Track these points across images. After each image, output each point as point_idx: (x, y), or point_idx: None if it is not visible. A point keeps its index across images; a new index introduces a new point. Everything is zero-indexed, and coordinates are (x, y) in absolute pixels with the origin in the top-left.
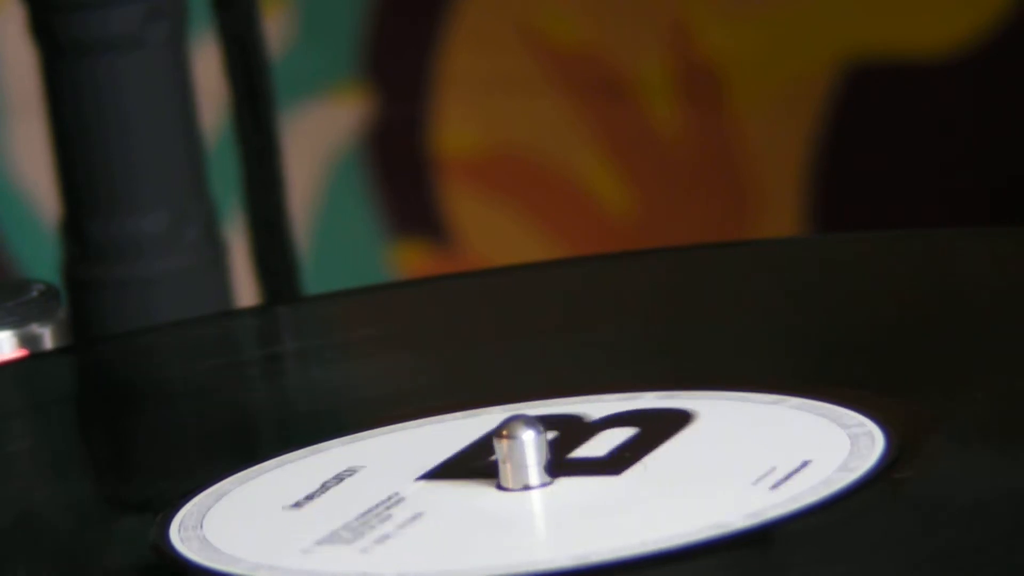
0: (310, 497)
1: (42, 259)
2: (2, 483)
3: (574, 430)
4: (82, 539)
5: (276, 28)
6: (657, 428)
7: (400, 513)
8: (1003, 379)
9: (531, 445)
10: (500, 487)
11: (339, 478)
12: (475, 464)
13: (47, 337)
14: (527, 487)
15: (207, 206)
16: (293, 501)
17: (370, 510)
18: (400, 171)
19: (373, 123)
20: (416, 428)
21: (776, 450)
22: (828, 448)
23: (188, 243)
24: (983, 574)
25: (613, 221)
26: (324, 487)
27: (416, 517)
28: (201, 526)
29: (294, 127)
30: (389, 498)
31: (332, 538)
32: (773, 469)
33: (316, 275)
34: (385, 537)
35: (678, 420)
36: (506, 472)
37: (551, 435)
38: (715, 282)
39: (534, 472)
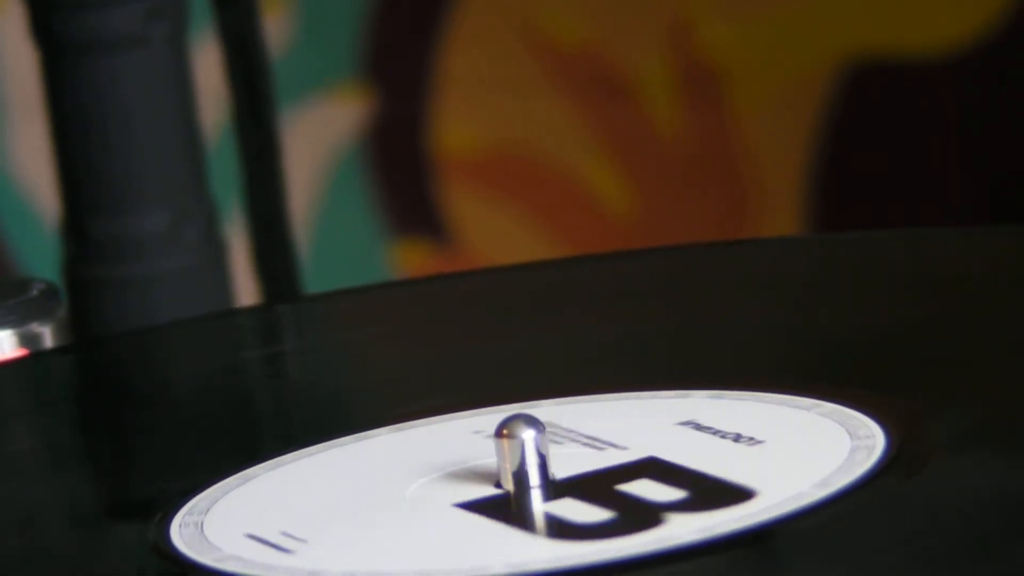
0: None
1: (43, 258)
2: (2, 483)
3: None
4: (82, 539)
5: (276, 28)
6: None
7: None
8: (1003, 379)
9: (531, 445)
10: (500, 487)
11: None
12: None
13: (47, 336)
14: (527, 487)
15: (207, 206)
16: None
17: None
18: (400, 171)
19: (373, 123)
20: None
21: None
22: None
23: (188, 243)
24: (983, 574)
25: (613, 220)
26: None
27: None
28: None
29: (294, 127)
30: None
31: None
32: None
33: (316, 275)
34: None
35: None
36: (505, 472)
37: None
38: (715, 281)
39: (534, 472)
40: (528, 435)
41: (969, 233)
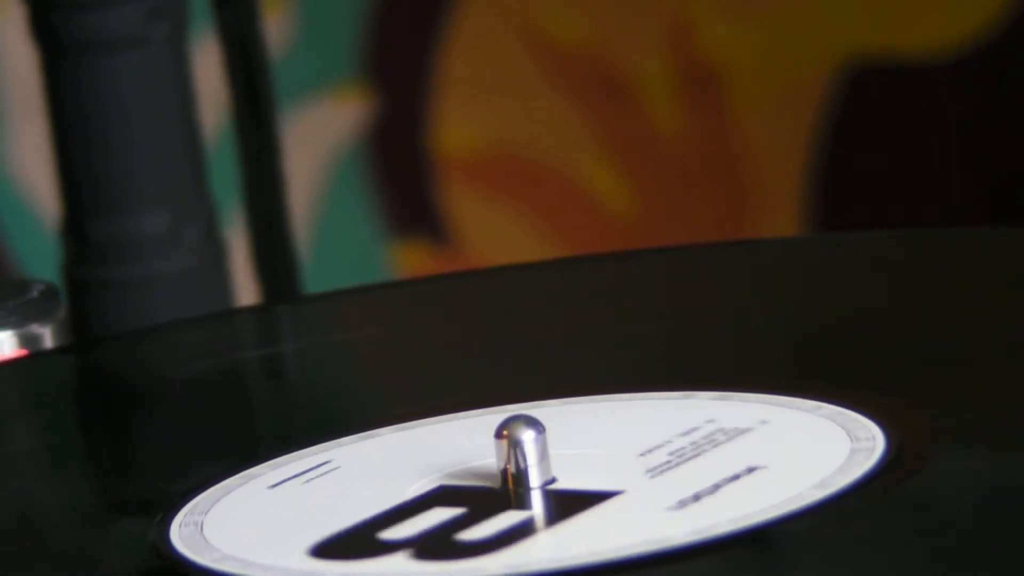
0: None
1: (42, 259)
2: (2, 483)
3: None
4: (82, 539)
5: (276, 28)
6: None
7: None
8: (1003, 379)
9: (531, 445)
10: (500, 487)
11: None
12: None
13: (47, 337)
14: (527, 487)
15: (207, 206)
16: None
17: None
18: (400, 171)
19: (373, 123)
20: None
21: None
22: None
23: (188, 243)
24: (983, 574)
25: (613, 221)
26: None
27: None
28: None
29: (294, 127)
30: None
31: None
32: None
33: (316, 275)
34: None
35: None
36: (506, 473)
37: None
38: (715, 282)
39: (534, 472)
40: (528, 436)
41: (969, 233)
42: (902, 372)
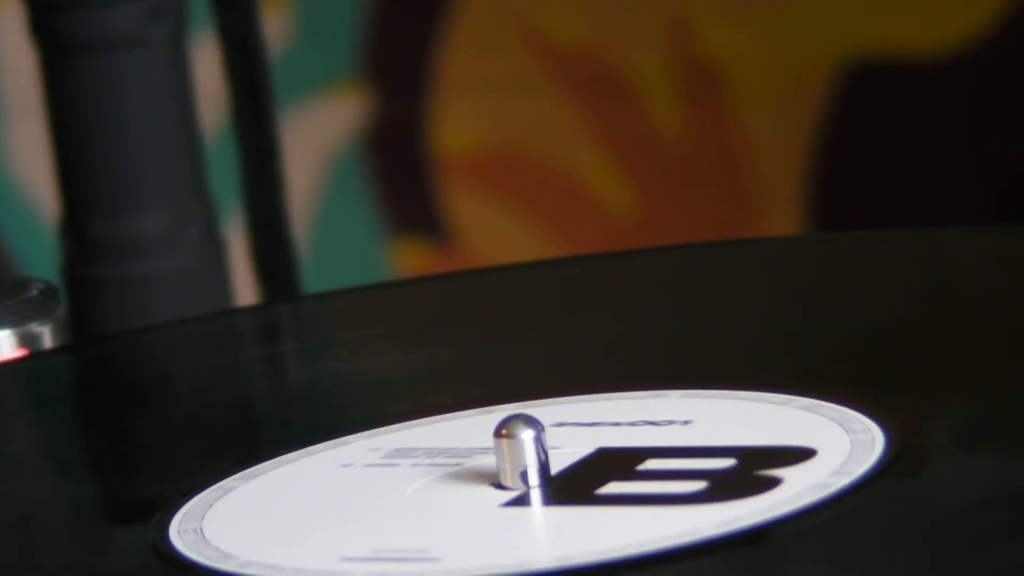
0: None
1: (42, 258)
2: (2, 483)
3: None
4: (82, 539)
5: (276, 28)
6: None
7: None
8: (1003, 379)
9: (531, 445)
10: (499, 486)
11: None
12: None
13: (47, 336)
14: (526, 487)
15: (207, 206)
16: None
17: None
18: (400, 170)
19: (373, 122)
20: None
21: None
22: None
23: (188, 243)
24: (983, 574)
25: (613, 220)
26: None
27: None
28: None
29: (294, 127)
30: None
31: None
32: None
33: (316, 274)
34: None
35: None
36: (505, 472)
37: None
38: (715, 282)
39: (533, 472)
40: (528, 435)
41: (969, 233)
42: (902, 372)
